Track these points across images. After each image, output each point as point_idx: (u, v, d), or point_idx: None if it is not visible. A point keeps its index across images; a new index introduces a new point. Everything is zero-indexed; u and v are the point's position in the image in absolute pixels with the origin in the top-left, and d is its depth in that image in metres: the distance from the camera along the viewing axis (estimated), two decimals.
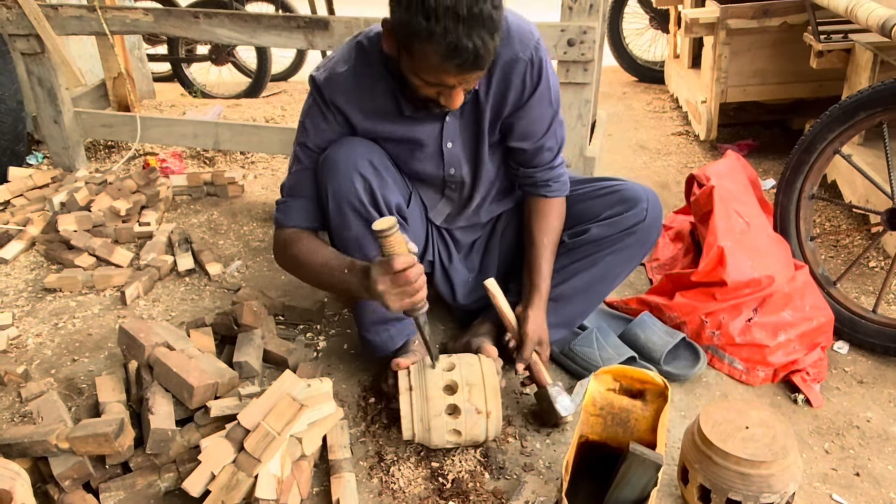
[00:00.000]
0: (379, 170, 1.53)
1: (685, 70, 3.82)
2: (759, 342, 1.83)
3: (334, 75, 1.51)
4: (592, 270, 1.74)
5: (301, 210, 1.59)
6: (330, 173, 1.52)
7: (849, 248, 2.48)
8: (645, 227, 1.71)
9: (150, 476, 1.43)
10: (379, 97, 1.52)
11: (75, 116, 2.91)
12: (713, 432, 1.35)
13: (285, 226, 1.61)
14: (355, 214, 1.53)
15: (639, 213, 1.70)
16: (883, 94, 1.93)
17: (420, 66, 1.32)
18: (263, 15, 2.45)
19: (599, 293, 1.80)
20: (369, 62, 1.50)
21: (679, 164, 3.23)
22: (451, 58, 1.26)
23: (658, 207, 1.74)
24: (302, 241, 1.58)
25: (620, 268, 1.76)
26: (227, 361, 1.73)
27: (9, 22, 2.63)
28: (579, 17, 2.07)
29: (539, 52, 1.54)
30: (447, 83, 1.34)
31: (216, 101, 4.05)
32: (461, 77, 1.32)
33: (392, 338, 1.70)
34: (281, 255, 1.64)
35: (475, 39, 1.24)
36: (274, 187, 2.94)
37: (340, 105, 1.52)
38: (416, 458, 1.56)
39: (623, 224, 1.70)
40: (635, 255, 1.76)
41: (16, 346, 1.96)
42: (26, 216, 2.54)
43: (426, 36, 1.24)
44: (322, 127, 1.56)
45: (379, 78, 1.50)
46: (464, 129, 1.62)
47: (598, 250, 1.72)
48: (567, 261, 1.74)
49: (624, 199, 1.72)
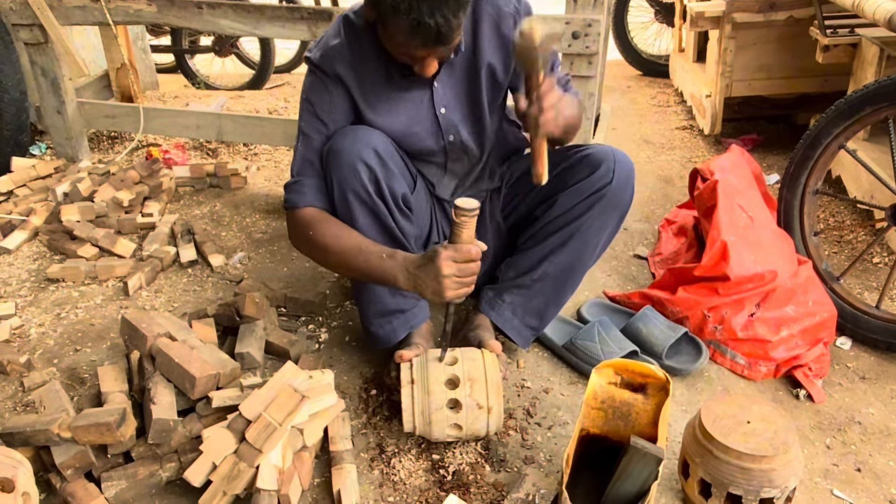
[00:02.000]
0: (384, 158, 1.53)
1: (690, 64, 3.81)
2: (761, 337, 1.83)
3: (328, 49, 1.55)
4: (570, 243, 1.67)
5: (315, 189, 1.56)
6: (335, 162, 1.51)
7: (853, 244, 2.47)
8: (613, 188, 1.62)
9: (151, 466, 1.43)
10: (371, 67, 1.55)
11: (78, 107, 2.90)
12: (714, 427, 1.35)
13: (300, 206, 1.56)
14: (360, 203, 1.52)
15: (605, 175, 1.63)
16: (889, 89, 1.92)
17: (389, 38, 1.40)
18: (267, 6, 2.44)
19: (583, 265, 1.72)
20: (357, 33, 1.55)
21: (683, 159, 3.22)
22: (413, 34, 1.33)
23: (627, 167, 1.65)
24: (326, 223, 1.53)
25: (598, 236, 1.68)
26: (229, 352, 1.73)
27: (12, 12, 2.63)
28: (584, 10, 2.06)
29: (521, 4, 1.60)
30: (415, 55, 1.41)
31: (219, 92, 4.05)
32: (426, 51, 1.38)
33: (395, 330, 1.70)
34: (300, 238, 1.58)
35: (437, 17, 1.29)
36: (277, 179, 2.94)
37: (340, 74, 1.54)
38: (417, 450, 1.57)
39: (589, 188, 1.63)
40: (608, 220, 1.66)
41: (18, 336, 1.96)
42: (29, 206, 2.55)
43: (392, 12, 1.32)
44: (326, 98, 1.56)
45: (368, 46, 1.54)
46: (458, 92, 1.63)
47: (571, 219, 1.66)
48: (544, 235, 1.69)
49: (589, 162, 1.66)
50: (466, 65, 1.60)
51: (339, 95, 1.56)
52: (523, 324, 1.76)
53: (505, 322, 1.76)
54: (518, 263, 1.74)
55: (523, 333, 1.77)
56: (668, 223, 2.47)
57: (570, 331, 1.90)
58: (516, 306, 1.75)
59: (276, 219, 2.59)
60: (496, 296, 1.77)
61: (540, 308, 1.75)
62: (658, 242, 2.42)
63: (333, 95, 1.56)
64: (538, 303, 1.74)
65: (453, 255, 1.37)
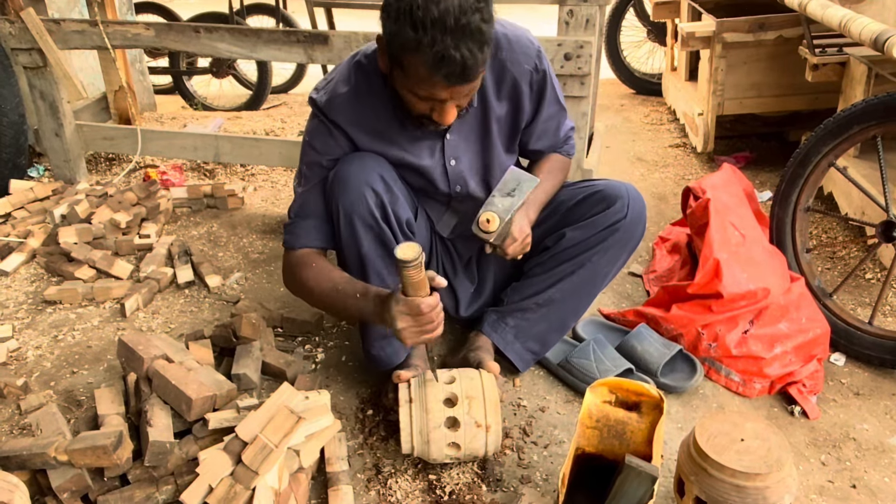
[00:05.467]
0: (389, 184, 1.54)
1: (682, 82, 3.85)
2: (755, 354, 1.84)
3: (336, 97, 1.53)
4: (580, 272, 1.71)
5: (310, 230, 1.59)
6: (341, 188, 1.52)
7: (845, 260, 2.49)
8: (627, 223, 1.69)
9: (148, 488, 1.43)
10: (381, 115, 1.54)
11: (76, 129, 2.93)
12: (708, 444, 1.35)
13: (295, 247, 1.60)
14: (367, 229, 1.53)
15: (619, 210, 1.68)
16: (876, 107, 1.95)
17: (410, 78, 1.34)
18: (263, 29, 2.47)
19: (588, 294, 1.77)
20: (369, 81, 1.52)
21: (676, 176, 3.25)
22: (438, 68, 1.27)
23: (640, 203, 1.72)
24: (311, 265, 1.56)
25: (607, 267, 1.74)
26: (226, 373, 1.74)
27: (11, 36, 2.66)
28: (576, 32, 2.09)
29: (542, 61, 1.61)
30: (438, 96, 1.36)
31: (217, 113, 4.08)
32: (451, 90, 1.34)
33: (396, 352, 1.71)
34: (290, 279, 1.63)
35: (463, 50, 1.25)
36: (274, 199, 2.96)
37: (343, 126, 1.54)
38: (414, 470, 1.57)
39: (604, 222, 1.69)
40: (620, 253, 1.73)
41: (15, 359, 1.97)
42: (27, 228, 2.56)
43: (414, 46, 1.27)
44: (329, 143, 1.56)
45: (380, 96, 1.52)
46: (471, 143, 1.63)
47: (582, 251, 1.70)
48: (553, 264, 1.73)
49: (604, 197, 1.71)
50: (479, 116, 1.60)
51: (339, 143, 1.56)
52: (524, 347, 1.78)
53: (507, 345, 1.77)
54: (524, 288, 1.76)
55: (524, 357, 1.79)
56: (662, 241, 2.49)
57: (566, 349, 1.91)
58: (519, 330, 1.77)
59: (273, 239, 2.61)
60: (499, 318, 1.78)
61: (542, 333, 1.77)
62: (652, 260, 2.43)
63: (337, 140, 1.56)
64: (541, 328, 1.76)
65: (404, 310, 1.35)
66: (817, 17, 2.28)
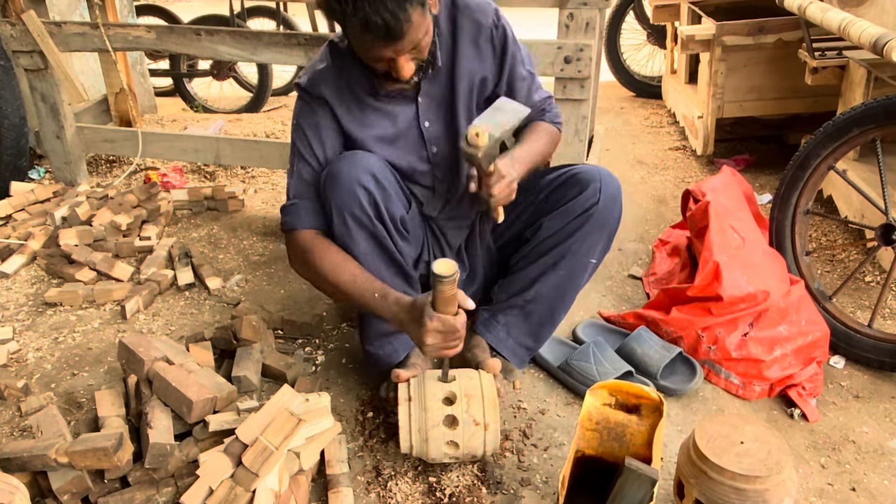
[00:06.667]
0: (381, 182, 1.54)
1: (682, 85, 3.86)
2: (755, 357, 1.84)
3: (315, 73, 1.59)
4: (562, 263, 1.69)
5: (312, 211, 1.58)
6: (333, 187, 1.53)
7: (845, 263, 2.49)
8: (600, 209, 1.65)
9: (148, 490, 1.44)
10: (357, 88, 1.58)
11: (77, 132, 2.93)
12: (708, 447, 1.36)
13: (299, 228, 1.59)
14: (360, 227, 1.53)
15: (592, 195, 1.65)
16: (875, 110, 1.95)
17: (356, 45, 1.43)
18: (264, 32, 2.48)
19: (574, 285, 1.74)
20: (342, 54, 1.58)
21: (676, 179, 3.25)
22: (365, 33, 1.35)
23: (613, 186, 1.67)
24: (325, 251, 1.55)
25: (588, 254, 1.70)
26: (226, 376, 1.74)
27: (13, 39, 2.66)
28: (576, 35, 2.10)
29: (500, 19, 1.62)
30: (385, 56, 1.41)
31: (217, 115, 4.08)
32: (392, 48, 1.38)
33: (396, 350, 1.71)
34: (298, 262, 1.61)
35: (383, 13, 1.31)
36: (274, 202, 2.96)
37: (327, 98, 1.58)
38: (414, 472, 1.57)
39: (578, 208, 1.65)
40: (599, 238, 1.68)
41: (16, 361, 1.97)
42: (28, 230, 2.56)
43: (341, 18, 1.36)
44: (314, 121, 1.59)
45: (352, 66, 1.57)
46: (441, 108, 1.65)
47: (561, 240, 1.68)
48: (535, 256, 1.72)
49: (577, 182, 1.68)
50: (447, 78, 1.63)
51: (325, 117, 1.59)
52: (518, 343, 1.78)
53: (500, 342, 1.77)
54: (511, 284, 1.76)
55: (518, 353, 1.79)
56: (662, 243, 2.49)
57: (566, 351, 1.91)
58: (511, 327, 1.77)
59: (274, 241, 2.61)
60: (491, 317, 1.78)
61: (534, 328, 1.77)
62: (652, 262, 2.44)
63: (320, 117, 1.59)
64: (532, 323, 1.76)
65: (438, 326, 1.38)
66: (817, 21, 2.29)
